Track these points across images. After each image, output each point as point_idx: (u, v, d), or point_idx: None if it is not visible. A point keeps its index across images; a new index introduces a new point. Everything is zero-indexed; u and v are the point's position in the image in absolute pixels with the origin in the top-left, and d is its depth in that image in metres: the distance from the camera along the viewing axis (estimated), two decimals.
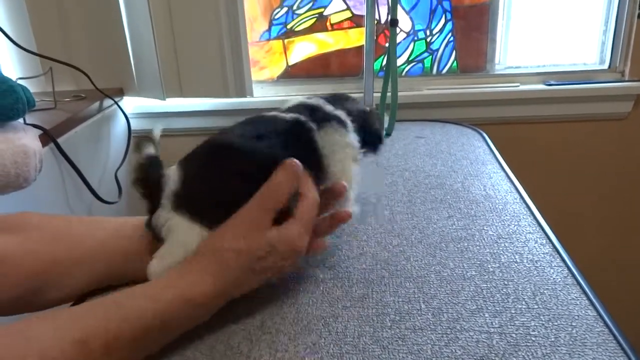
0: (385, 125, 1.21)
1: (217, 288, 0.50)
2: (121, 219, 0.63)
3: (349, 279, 0.63)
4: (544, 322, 0.54)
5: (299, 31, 1.47)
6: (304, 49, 1.48)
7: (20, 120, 0.90)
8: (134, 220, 0.63)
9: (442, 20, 1.44)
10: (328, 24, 1.46)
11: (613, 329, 0.52)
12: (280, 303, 0.59)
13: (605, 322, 0.54)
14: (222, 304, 0.53)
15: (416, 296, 0.59)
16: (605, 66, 1.44)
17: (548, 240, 0.70)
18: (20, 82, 0.86)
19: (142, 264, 0.56)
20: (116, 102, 1.32)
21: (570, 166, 1.49)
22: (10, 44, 1.12)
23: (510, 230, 0.73)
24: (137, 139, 0.63)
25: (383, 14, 1.42)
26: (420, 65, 1.49)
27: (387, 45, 1.44)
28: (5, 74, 1.05)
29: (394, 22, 1.16)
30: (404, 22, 1.44)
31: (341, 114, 0.63)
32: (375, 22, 1.26)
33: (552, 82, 1.43)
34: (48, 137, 0.98)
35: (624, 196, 1.51)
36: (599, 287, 0.63)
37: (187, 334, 0.53)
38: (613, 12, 1.39)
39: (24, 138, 0.83)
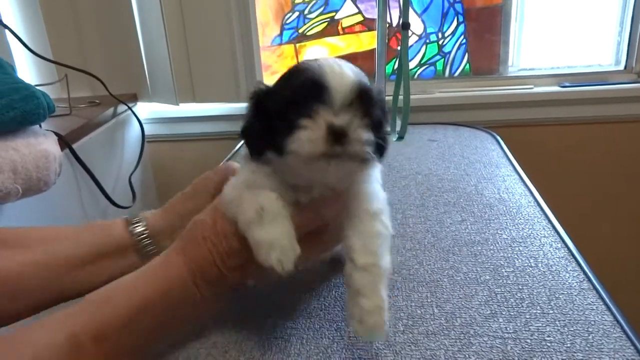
0: (398, 128, 1.21)
1: (189, 268, 0.50)
2: (79, 227, 0.64)
3: None
4: (559, 328, 0.53)
5: (310, 35, 1.47)
6: (315, 53, 1.48)
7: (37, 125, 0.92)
8: (97, 224, 0.64)
9: (454, 23, 1.44)
10: (339, 27, 1.46)
11: (631, 335, 0.52)
12: (292, 308, 0.59)
13: (622, 328, 0.53)
14: (205, 288, 0.50)
15: (429, 300, 0.59)
16: (621, 67, 1.42)
17: (563, 244, 0.69)
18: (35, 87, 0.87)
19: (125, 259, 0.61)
20: (130, 108, 1.34)
21: (586, 169, 1.47)
22: (27, 51, 1.13)
23: (525, 234, 0.72)
24: None
25: (394, 17, 1.42)
26: (432, 68, 1.48)
27: (398, 48, 1.44)
28: None
29: (405, 26, 1.16)
30: (416, 25, 1.43)
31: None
32: (387, 25, 1.26)
33: (567, 84, 1.41)
34: (64, 142, 0.99)
35: (639, 199, 1.49)
36: (616, 291, 0.62)
37: (199, 337, 0.53)
38: (629, 12, 1.37)
39: (44, 143, 0.84)
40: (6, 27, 1.10)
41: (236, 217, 0.49)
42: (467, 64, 1.47)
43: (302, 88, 0.46)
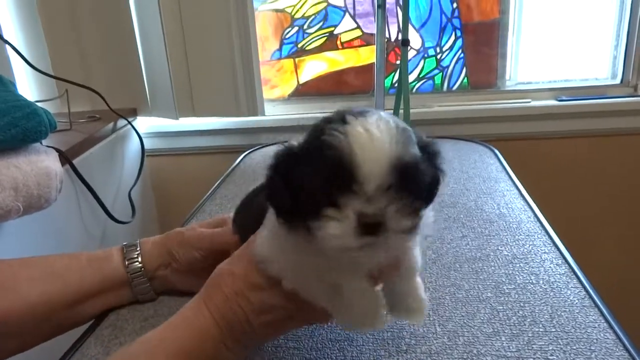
0: None
1: (218, 325, 0.46)
2: (70, 260, 0.63)
3: None
4: (562, 346, 0.53)
5: (309, 50, 1.48)
6: (314, 67, 1.49)
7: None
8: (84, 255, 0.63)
9: (452, 37, 1.45)
10: (338, 42, 1.47)
11: (633, 353, 0.52)
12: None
13: (624, 346, 0.53)
14: (237, 351, 0.48)
15: (431, 319, 0.59)
16: (617, 81, 1.44)
17: (564, 260, 0.70)
18: (38, 104, 0.88)
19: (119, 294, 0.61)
20: (130, 122, 1.34)
21: (583, 182, 1.47)
22: (27, 66, 1.14)
23: (525, 250, 0.72)
24: None
25: (393, 32, 1.43)
26: (430, 82, 1.49)
27: (397, 62, 1.45)
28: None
29: (405, 42, 1.17)
30: (414, 40, 1.44)
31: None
32: (386, 40, 1.27)
33: (564, 98, 1.42)
34: (64, 158, 0.99)
35: (638, 213, 1.49)
36: (617, 308, 0.62)
37: None
38: (624, 26, 1.39)
39: (46, 160, 0.84)
40: (7, 42, 1.10)
41: (293, 285, 0.45)
42: (465, 78, 1.48)
43: (327, 173, 0.37)
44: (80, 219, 1.10)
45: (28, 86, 1.27)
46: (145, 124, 1.46)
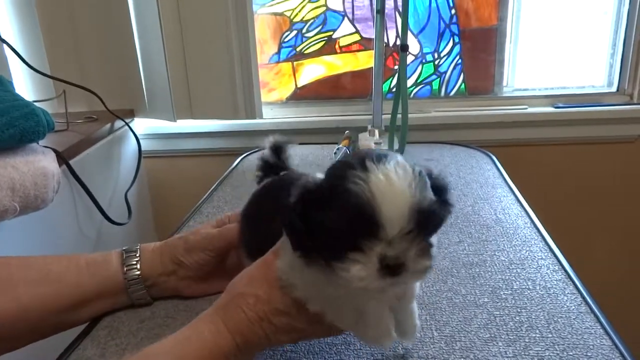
0: (396, 147, 1.22)
1: (238, 343, 0.46)
2: (68, 263, 0.62)
3: None
4: (558, 352, 0.53)
5: (308, 54, 1.48)
6: (312, 71, 1.50)
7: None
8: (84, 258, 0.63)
9: (450, 43, 1.45)
10: (337, 46, 1.47)
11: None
12: None
13: (621, 352, 0.53)
14: (249, 358, 0.49)
15: (428, 323, 0.59)
16: (614, 89, 1.45)
17: (560, 266, 0.70)
18: (35, 104, 0.87)
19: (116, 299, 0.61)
20: (127, 124, 1.34)
21: (579, 188, 1.48)
22: (25, 66, 1.14)
23: (522, 256, 0.73)
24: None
25: (391, 37, 1.44)
26: (428, 87, 1.50)
27: (395, 67, 1.45)
28: None
29: (404, 48, 1.17)
30: (412, 45, 1.45)
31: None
32: (384, 45, 1.28)
33: (560, 105, 1.43)
34: (61, 159, 0.99)
35: (634, 220, 1.50)
36: (613, 314, 0.62)
37: None
38: (621, 35, 1.40)
39: (43, 160, 0.84)
40: (4, 42, 1.10)
41: (319, 308, 0.46)
42: (463, 84, 1.49)
43: (350, 219, 0.39)
44: (76, 220, 1.10)
45: (25, 86, 1.27)
46: (142, 125, 1.46)
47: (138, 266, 0.62)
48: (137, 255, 0.63)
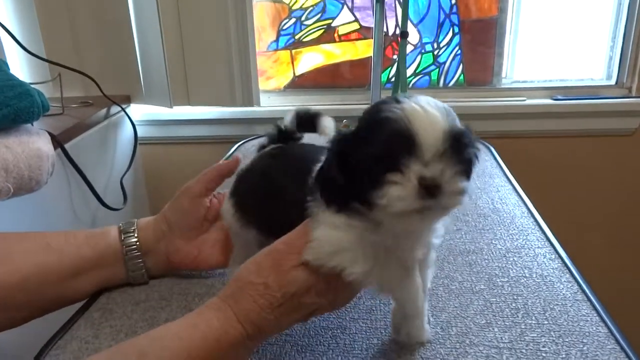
0: None
1: (248, 332, 0.46)
2: (67, 235, 0.63)
3: None
4: (554, 339, 0.53)
5: (306, 42, 1.47)
6: (311, 59, 1.49)
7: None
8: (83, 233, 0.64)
9: (450, 34, 1.45)
10: (336, 35, 1.46)
11: (625, 347, 0.52)
12: None
13: (616, 340, 0.53)
14: (257, 344, 0.49)
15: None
16: (612, 82, 1.44)
17: (557, 255, 0.70)
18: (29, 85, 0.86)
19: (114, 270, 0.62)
20: (123, 109, 1.33)
21: (576, 181, 1.48)
22: (20, 49, 1.12)
23: (519, 244, 0.73)
24: None
25: (391, 26, 1.43)
26: (427, 77, 1.49)
27: (394, 57, 1.45)
28: None
29: (404, 34, 1.17)
30: (412, 35, 1.44)
31: None
32: (383, 34, 1.27)
33: (559, 97, 1.43)
34: (56, 142, 0.98)
35: (631, 211, 1.50)
36: (609, 302, 0.62)
37: None
38: (620, 28, 1.39)
39: (38, 141, 0.83)
40: (0, 24, 1.09)
41: (365, 269, 0.46)
42: (462, 75, 1.48)
43: (389, 142, 0.41)
44: (70, 204, 1.09)
45: (21, 69, 1.25)
46: (138, 111, 1.45)
47: (135, 234, 0.64)
48: (134, 225, 0.65)
